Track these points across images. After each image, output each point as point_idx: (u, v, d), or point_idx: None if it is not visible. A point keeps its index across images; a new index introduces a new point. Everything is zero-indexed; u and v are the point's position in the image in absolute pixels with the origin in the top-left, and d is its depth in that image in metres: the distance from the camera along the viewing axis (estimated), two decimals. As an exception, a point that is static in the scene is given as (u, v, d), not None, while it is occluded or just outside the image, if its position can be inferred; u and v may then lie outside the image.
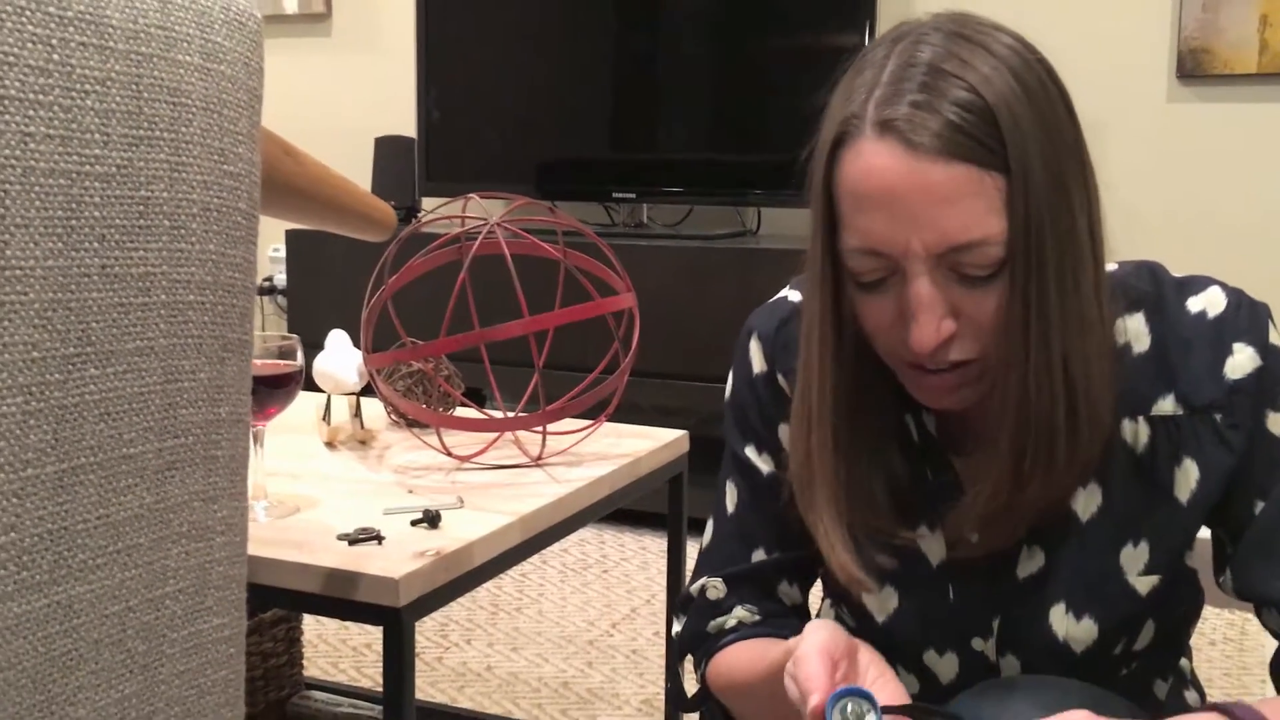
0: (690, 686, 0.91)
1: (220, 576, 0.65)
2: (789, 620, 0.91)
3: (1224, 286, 0.81)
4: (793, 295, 0.92)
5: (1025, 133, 0.70)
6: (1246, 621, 2.24)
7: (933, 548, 0.84)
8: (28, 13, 0.53)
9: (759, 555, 0.90)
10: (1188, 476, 0.79)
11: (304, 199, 0.90)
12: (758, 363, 0.91)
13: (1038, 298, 0.71)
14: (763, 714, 0.83)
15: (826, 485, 0.80)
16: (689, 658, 0.92)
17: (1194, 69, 2.62)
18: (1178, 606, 0.85)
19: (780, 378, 0.90)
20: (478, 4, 3.11)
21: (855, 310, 0.77)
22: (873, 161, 0.71)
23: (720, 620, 0.91)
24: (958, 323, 0.73)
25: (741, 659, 0.85)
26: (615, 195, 3.01)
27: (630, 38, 3.03)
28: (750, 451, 0.91)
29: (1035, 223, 0.70)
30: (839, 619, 0.93)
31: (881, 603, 0.85)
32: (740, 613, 0.90)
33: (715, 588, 0.92)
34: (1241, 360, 0.77)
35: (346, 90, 3.53)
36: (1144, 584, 0.80)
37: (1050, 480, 0.76)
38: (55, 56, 0.54)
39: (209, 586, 0.64)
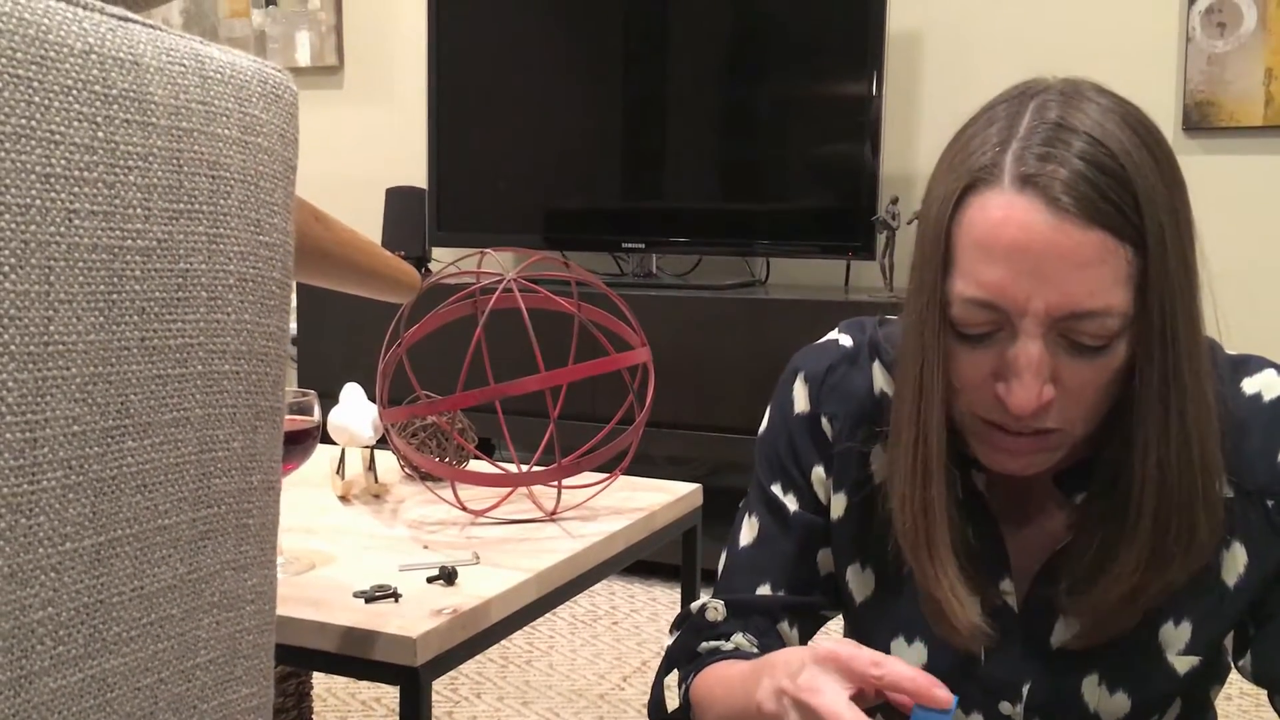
0: (672, 702, 0.88)
1: (250, 645, 0.65)
2: None
3: (1279, 369, 0.80)
4: (844, 339, 0.91)
5: (1161, 208, 0.70)
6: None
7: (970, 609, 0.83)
8: (74, 92, 0.54)
9: (765, 590, 0.89)
10: (1235, 560, 0.78)
11: (332, 263, 0.91)
12: (800, 402, 0.90)
13: (1175, 377, 0.71)
14: None
15: (946, 535, 0.78)
16: (674, 673, 0.90)
17: (1200, 121, 2.64)
18: (1211, 683, 0.85)
19: (824, 420, 0.89)
20: (488, 56, 3.15)
21: (947, 361, 0.75)
22: (1010, 213, 0.69)
23: (715, 643, 0.89)
24: (1055, 389, 0.72)
25: (727, 674, 0.83)
26: (625, 245, 3.02)
27: (639, 88, 3.07)
28: (776, 489, 0.90)
29: (1169, 301, 0.70)
30: None
31: (911, 658, 0.84)
32: (740, 640, 0.89)
33: (716, 609, 0.90)
34: None
35: (358, 141, 3.56)
36: (1183, 664, 0.80)
37: (1187, 561, 0.75)
38: (100, 134, 0.55)
39: (239, 656, 0.64)
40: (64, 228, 0.53)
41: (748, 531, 0.93)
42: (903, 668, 0.66)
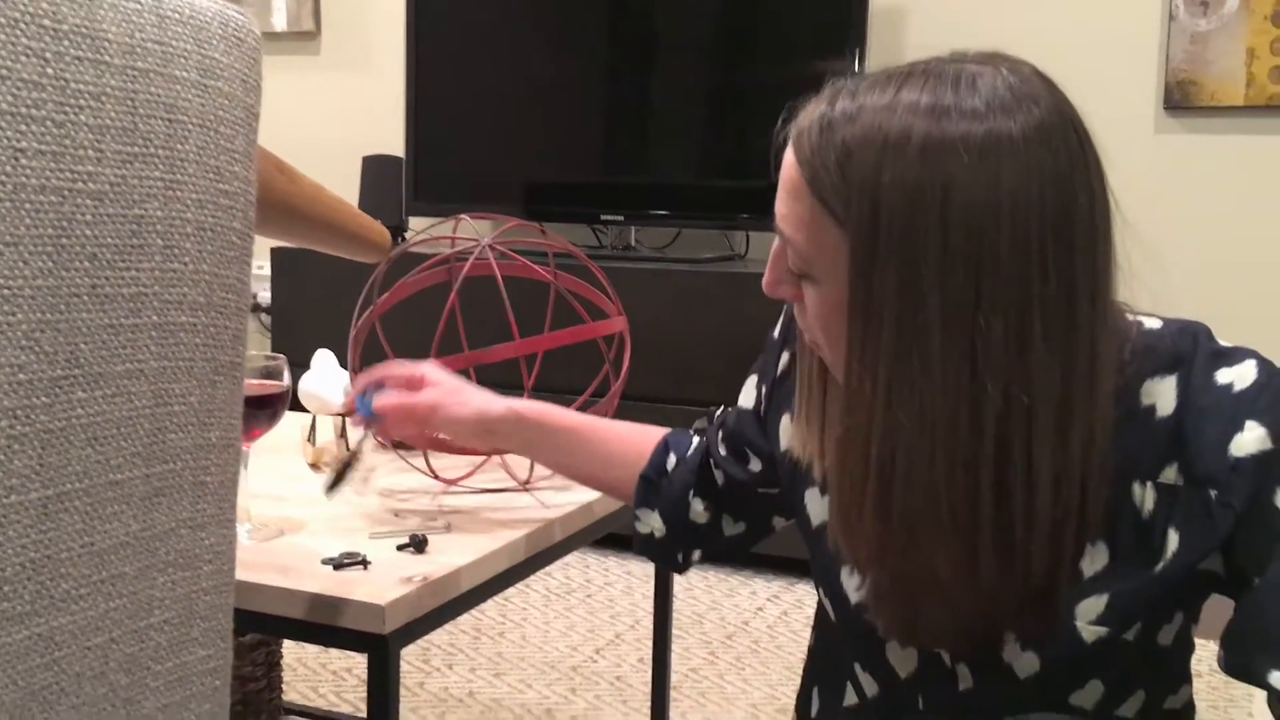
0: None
1: (207, 606, 0.63)
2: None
3: (1261, 363, 0.78)
4: None
5: (878, 207, 0.72)
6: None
7: None
8: (21, 25, 0.52)
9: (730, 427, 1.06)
10: (1167, 546, 0.77)
11: (298, 218, 0.89)
12: (777, 329, 1.01)
13: (869, 362, 0.74)
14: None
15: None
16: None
17: (1181, 100, 2.63)
18: (1160, 680, 0.84)
19: (785, 354, 0.99)
20: (468, 24, 3.11)
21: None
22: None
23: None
24: (798, 304, 0.82)
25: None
26: (603, 217, 3.00)
27: (621, 61, 3.03)
28: (754, 380, 1.04)
29: (873, 301, 0.74)
30: (821, 601, 0.96)
31: (858, 585, 0.86)
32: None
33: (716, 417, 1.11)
34: (1249, 440, 0.75)
35: (334, 109, 3.52)
36: (1090, 632, 0.79)
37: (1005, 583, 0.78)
38: (49, 70, 0.53)
39: (195, 617, 0.62)
40: (9, 167, 0.51)
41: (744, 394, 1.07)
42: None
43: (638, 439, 1.15)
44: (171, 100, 0.58)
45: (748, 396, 1.04)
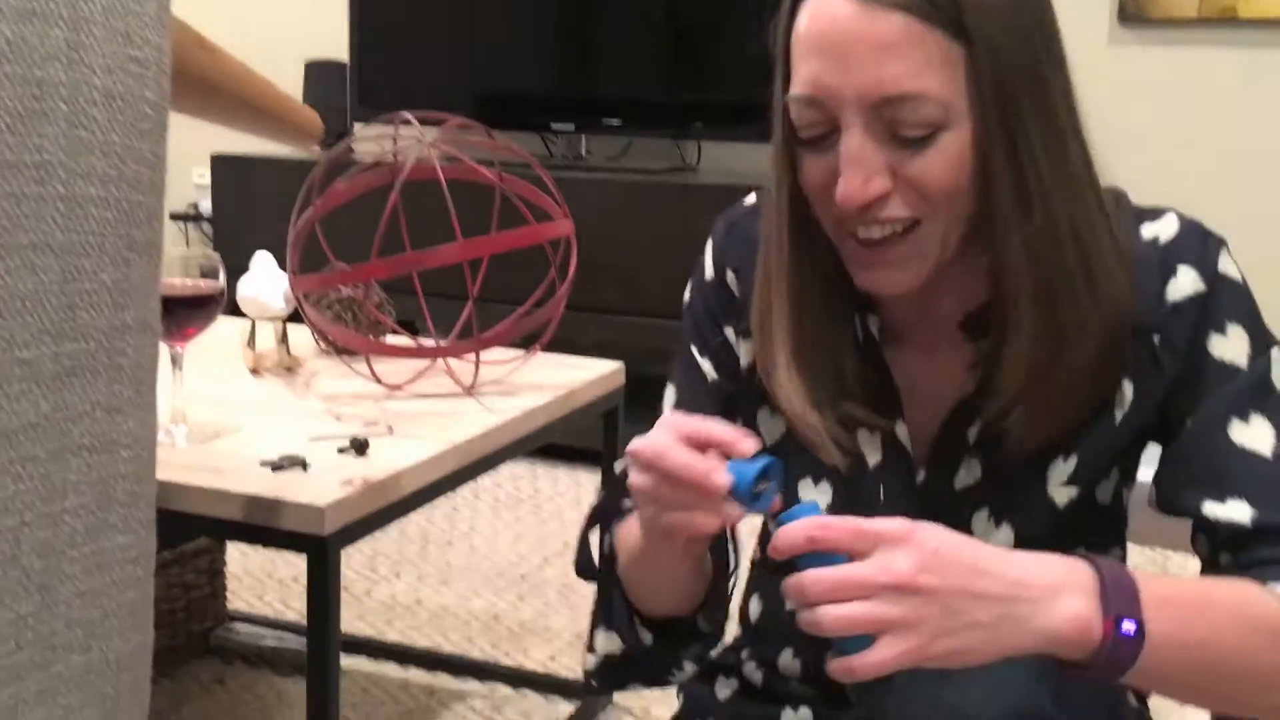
0: (597, 558, 0.90)
1: (125, 493, 0.61)
2: None
3: (1181, 216, 0.82)
4: (752, 198, 0.93)
5: (990, 4, 0.71)
6: (1168, 559, 2.29)
7: (870, 449, 0.84)
8: None
9: None
10: (1124, 395, 0.80)
11: (220, 96, 0.85)
12: (708, 267, 0.92)
13: (1029, 158, 0.73)
14: (648, 575, 0.83)
15: (783, 336, 0.81)
16: (596, 529, 0.91)
17: (1135, 13, 2.62)
18: (1100, 543, 0.85)
19: (729, 274, 0.90)
20: (414, -77, 3.00)
21: (799, 172, 0.78)
22: (822, 8, 0.73)
23: None
24: (895, 185, 0.74)
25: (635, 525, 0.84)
26: (553, 127, 2.94)
27: (571, -36, 2.96)
28: (695, 352, 0.92)
29: (1006, 85, 0.72)
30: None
31: (818, 500, 0.85)
32: None
33: None
34: (1183, 283, 0.78)
35: (274, 10, 3.40)
36: (1061, 495, 0.81)
37: (1081, 343, 0.76)
38: (-67, -87, 0.49)
39: (113, 503, 0.60)
40: (-109, 16, 0.47)
41: (668, 400, 0.94)
42: (719, 426, 0.69)
43: None
44: (73, -45, 0.54)
45: (701, 370, 0.91)
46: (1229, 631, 0.69)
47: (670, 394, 0.93)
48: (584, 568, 0.90)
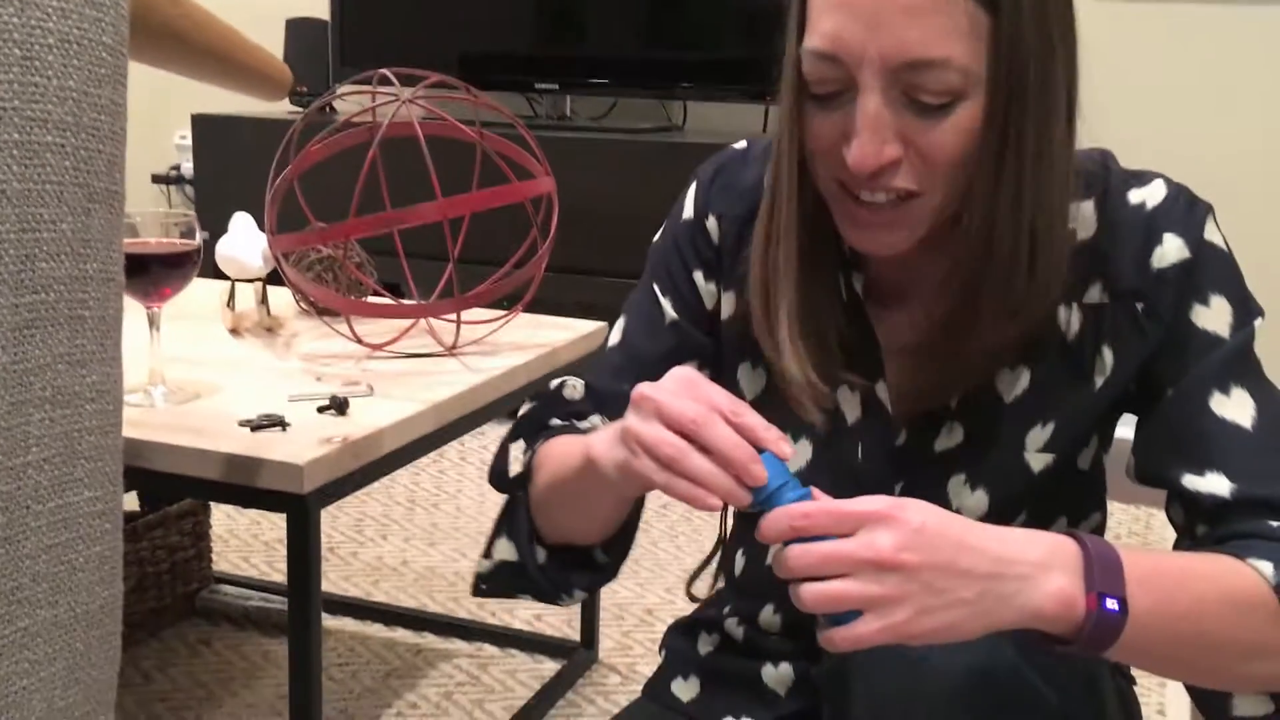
0: (515, 469, 0.87)
1: (91, 447, 0.60)
2: None
3: (1168, 181, 0.81)
4: (741, 144, 0.91)
5: None
6: (1151, 517, 2.30)
7: (850, 406, 0.84)
8: None
9: (627, 388, 0.88)
10: (1104, 362, 0.80)
11: (185, 45, 0.83)
12: (688, 208, 0.90)
13: (1016, 138, 0.71)
14: (564, 503, 0.81)
15: (789, 297, 0.79)
16: (520, 441, 0.88)
17: (1123, -31, 2.59)
18: (1080, 507, 0.86)
19: (711, 220, 0.88)
20: (395, -121, 2.96)
21: (805, 127, 0.75)
22: None
23: (568, 422, 0.88)
24: (904, 153, 0.72)
25: (570, 442, 0.81)
26: (538, 86, 2.91)
27: (555, -80, 2.91)
28: (656, 289, 0.90)
29: (1020, 60, 0.70)
30: None
31: (796, 456, 0.84)
32: (596, 420, 0.88)
33: (575, 388, 0.89)
34: (1169, 250, 0.78)
35: (256, -31, 3.35)
36: (1038, 461, 0.81)
37: (998, 326, 0.76)
38: None
39: (78, 457, 0.60)
40: None
41: (617, 332, 0.92)
42: (758, 418, 0.67)
43: None
44: (23, -107, 0.53)
45: (661, 307, 0.90)
46: (1211, 605, 0.69)
47: (622, 325, 0.91)
48: (499, 478, 0.88)
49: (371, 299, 1.61)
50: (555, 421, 0.87)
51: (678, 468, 0.66)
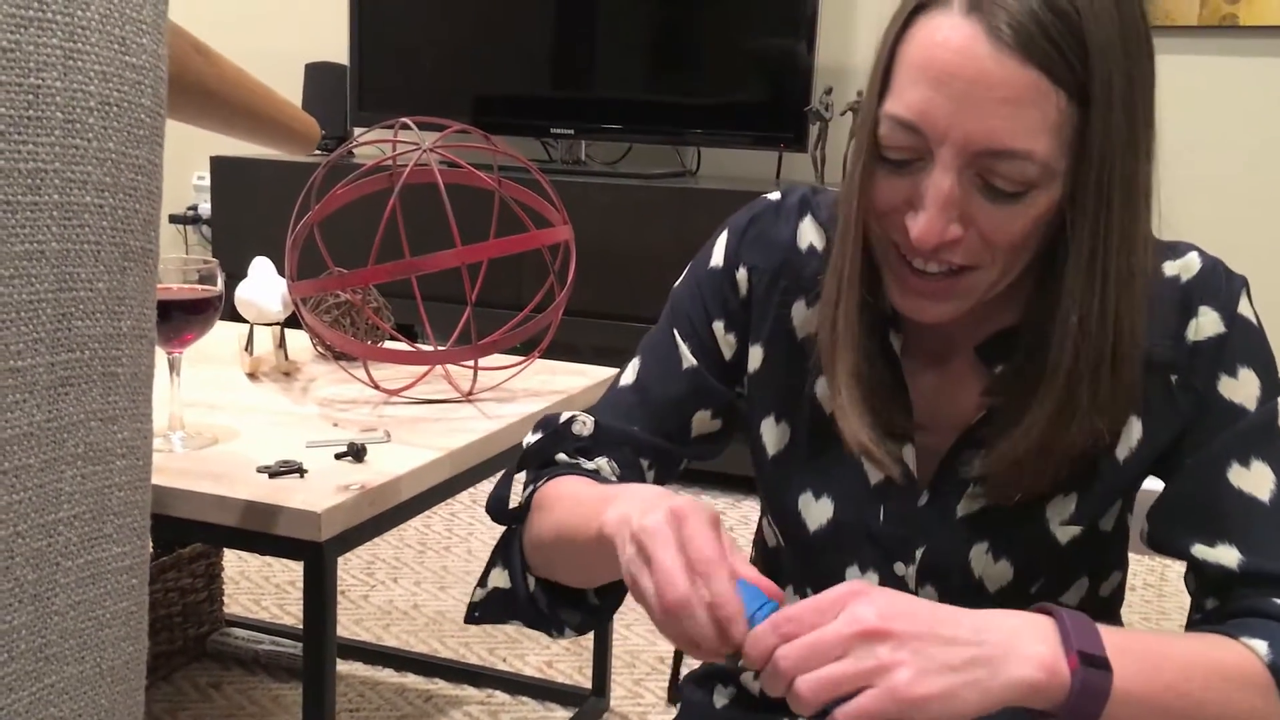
0: (515, 501, 0.85)
1: (120, 502, 0.61)
2: None
3: (1202, 254, 0.80)
4: (774, 195, 0.91)
5: (1113, 65, 0.68)
6: (1166, 568, 2.29)
7: (872, 467, 0.83)
8: None
9: (636, 430, 0.87)
10: (1130, 434, 0.79)
11: (217, 102, 0.84)
12: (717, 256, 0.89)
13: (1105, 236, 0.71)
14: (564, 557, 0.79)
15: (849, 353, 0.79)
16: (524, 473, 0.87)
17: (1136, 20, 2.61)
18: (1103, 566, 0.85)
19: (741, 271, 0.87)
20: (414, -73, 3.00)
21: (870, 183, 0.74)
22: (949, 35, 0.68)
23: (575, 460, 0.86)
24: (965, 233, 0.72)
25: (580, 490, 0.79)
26: (553, 131, 2.94)
27: (572, -32, 2.95)
28: (677, 335, 0.89)
29: (1109, 159, 0.70)
30: (766, 528, 0.92)
31: (817, 513, 0.84)
32: (603, 464, 0.86)
33: (584, 424, 0.87)
34: (1205, 323, 0.78)
35: (275, 12, 3.40)
36: (1064, 534, 0.80)
37: (1092, 420, 0.75)
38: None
39: (108, 513, 0.60)
40: (-114, 24, 0.47)
41: (631, 371, 0.91)
42: (750, 568, 0.66)
43: None
44: (69, -38, 0.54)
45: (678, 352, 0.89)
46: (1198, 677, 0.68)
47: (635, 367, 0.90)
48: (497, 509, 0.86)
49: (389, 344, 1.62)
50: (561, 457, 0.86)
51: (677, 616, 0.63)
